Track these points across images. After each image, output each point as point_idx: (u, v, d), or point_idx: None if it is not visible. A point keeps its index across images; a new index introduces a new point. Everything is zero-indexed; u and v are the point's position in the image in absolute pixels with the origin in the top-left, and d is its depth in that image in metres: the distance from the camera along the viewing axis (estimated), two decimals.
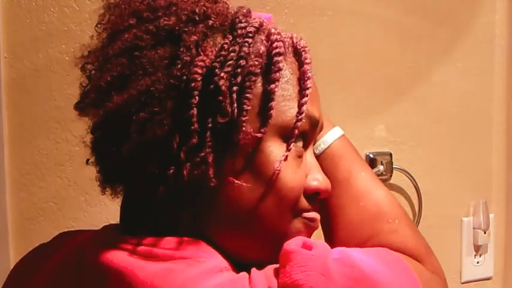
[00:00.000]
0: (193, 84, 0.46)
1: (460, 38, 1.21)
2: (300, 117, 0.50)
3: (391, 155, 1.14)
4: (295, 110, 0.50)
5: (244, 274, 0.46)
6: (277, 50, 0.50)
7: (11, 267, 0.88)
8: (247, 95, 0.48)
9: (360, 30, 1.11)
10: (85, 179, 0.92)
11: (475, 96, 1.25)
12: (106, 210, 0.92)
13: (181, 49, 0.47)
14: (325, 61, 1.08)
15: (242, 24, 0.50)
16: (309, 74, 0.52)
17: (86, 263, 0.49)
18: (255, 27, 0.50)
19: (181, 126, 0.47)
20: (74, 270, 0.50)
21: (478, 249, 1.25)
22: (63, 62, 0.90)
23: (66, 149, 0.91)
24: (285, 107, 0.50)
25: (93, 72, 0.51)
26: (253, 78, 0.48)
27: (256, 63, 0.49)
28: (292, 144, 0.50)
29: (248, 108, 0.48)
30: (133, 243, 0.47)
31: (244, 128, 0.48)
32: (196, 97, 0.46)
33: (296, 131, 0.50)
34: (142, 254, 0.46)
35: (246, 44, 0.48)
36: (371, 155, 1.12)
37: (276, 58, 0.50)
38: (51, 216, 0.91)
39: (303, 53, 0.53)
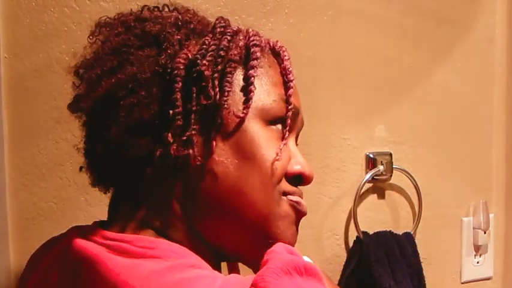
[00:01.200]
0: (176, 72, 0.51)
1: (460, 38, 1.21)
2: (290, 107, 0.55)
3: (391, 155, 1.14)
4: (273, 96, 0.54)
5: (219, 274, 0.47)
6: (254, 42, 0.55)
7: (11, 267, 0.89)
8: (228, 79, 0.52)
9: (360, 30, 1.11)
10: (85, 179, 0.92)
11: (475, 96, 1.25)
12: (106, 210, 0.92)
13: (165, 44, 0.52)
14: (325, 61, 1.08)
15: (222, 24, 0.55)
16: (291, 69, 0.57)
17: (69, 252, 0.52)
18: (234, 29, 0.56)
19: (167, 110, 0.51)
20: (61, 260, 0.54)
21: (478, 249, 1.25)
22: (63, 62, 0.90)
23: (66, 149, 0.91)
24: (264, 93, 0.54)
25: (84, 72, 0.55)
26: (233, 65, 0.53)
27: (236, 52, 0.53)
28: (286, 133, 0.54)
29: (229, 90, 0.52)
30: (112, 239, 0.50)
31: (226, 108, 0.52)
32: (180, 83, 0.51)
33: (289, 120, 0.54)
34: (117, 249, 0.49)
35: (226, 39, 0.54)
36: (371, 155, 1.12)
37: (253, 48, 0.54)
38: (51, 216, 0.91)
39: (281, 52, 0.57)
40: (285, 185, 0.55)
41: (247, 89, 0.53)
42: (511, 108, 1.27)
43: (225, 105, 0.52)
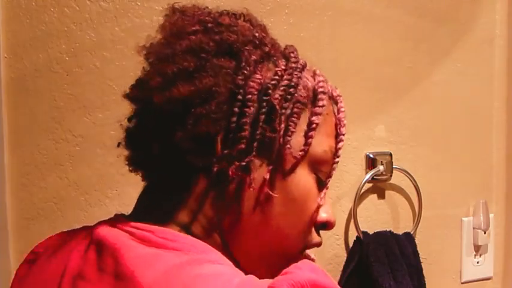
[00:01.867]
0: (249, 97, 0.52)
1: (460, 38, 1.21)
2: (336, 160, 0.58)
3: (391, 155, 1.14)
4: (324, 146, 0.57)
5: (240, 272, 0.48)
6: (322, 89, 0.57)
7: (11, 267, 0.89)
8: (294, 119, 0.54)
9: (360, 30, 1.11)
10: (85, 179, 0.92)
11: (475, 96, 1.25)
12: (106, 210, 0.92)
13: (243, 64, 0.53)
14: (325, 61, 1.08)
15: (294, 59, 0.57)
16: (345, 121, 0.59)
17: (92, 238, 0.53)
18: (302, 64, 0.57)
19: (234, 130, 0.52)
20: (83, 247, 0.54)
21: (478, 249, 1.25)
22: (63, 62, 0.90)
23: (66, 149, 0.91)
24: (317, 141, 0.56)
25: (157, 62, 0.55)
26: (300, 106, 0.55)
27: (304, 94, 0.55)
28: (328, 184, 0.57)
29: (293, 130, 0.54)
30: (136, 228, 0.51)
31: (287, 147, 0.54)
32: (252, 108, 0.52)
33: (333, 172, 0.57)
34: (140, 237, 0.49)
35: (296, 76, 0.55)
36: (371, 155, 1.13)
37: (321, 95, 0.56)
38: (51, 216, 0.91)
39: (339, 101, 0.60)
40: (312, 234, 0.58)
41: (307, 134, 0.55)
42: (511, 108, 1.27)
43: (288, 145, 0.54)
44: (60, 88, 0.90)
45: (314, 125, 0.55)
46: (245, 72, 0.53)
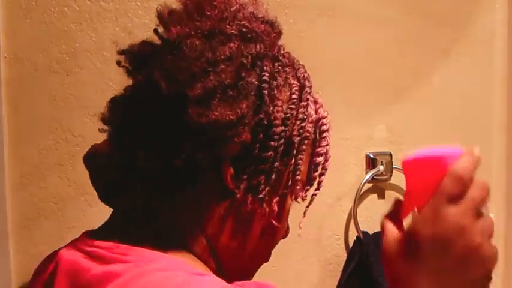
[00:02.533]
0: (275, 130, 0.52)
1: (460, 38, 1.21)
2: (316, 193, 0.62)
3: (391, 155, 1.14)
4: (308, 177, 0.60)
5: (195, 277, 0.47)
6: (325, 127, 0.58)
7: (11, 267, 0.88)
8: (302, 156, 0.55)
9: (360, 30, 1.11)
10: (85, 179, 0.92)
11: (475, 96, 1.24)
12: (106, 210, 0.92)
13: (274, 91, 0.53)
14: (325, 61, 1.08)
15: (308, 89, 0.57)
16: (329, 155, 0.61)
17: (56, 261, 0.53)
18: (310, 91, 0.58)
19: (255, 159, 0.52)
20: (48, 272, 0.55)
21: None
22: (63, 62, 0.90)
23: (66, 149, 0.91)
24: (305, 171, 0.58)
25: (194, 59, 0.51)
26: (307, 142, 0.56)
27: (310, 130, 0.56)
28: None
29: (300, 168, 0.56)
30: (95, 247, 0.51)
31: (297, 180, 0.56)
32: (276, 142, 0.52)
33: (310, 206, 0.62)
34: (94, 255, 0.49)
35: (305, 107, 0.56)
36: (371, 155, 1.12)
37: (325, 134, 0.58)
38: (51, 216, 0.91)
39: (327, 137, 0.60)
40: None
41: (311, 175, 0.59)
42: (511, 108, 1.27)
43: (297, 184, 0.56)
44: (60, 88, 0.90)
45: (319, 167, 0.59)
46: (274, 99, 0.52)
